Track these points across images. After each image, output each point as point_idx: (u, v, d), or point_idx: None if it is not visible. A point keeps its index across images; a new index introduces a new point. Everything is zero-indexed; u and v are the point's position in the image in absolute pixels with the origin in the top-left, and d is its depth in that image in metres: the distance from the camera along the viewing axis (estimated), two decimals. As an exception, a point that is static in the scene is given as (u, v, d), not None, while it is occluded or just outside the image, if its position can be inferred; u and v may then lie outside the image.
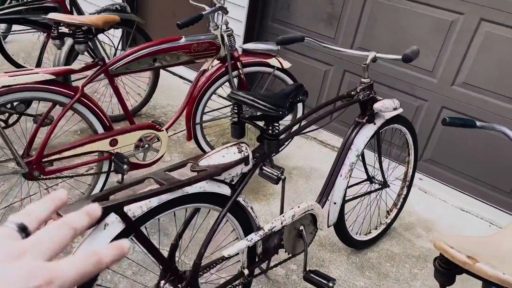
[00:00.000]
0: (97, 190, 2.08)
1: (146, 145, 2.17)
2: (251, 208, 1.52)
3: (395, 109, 1.95)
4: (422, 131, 2.94)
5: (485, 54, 2.57)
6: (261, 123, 1.51)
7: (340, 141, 3.26)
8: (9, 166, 1.99)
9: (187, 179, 1.25)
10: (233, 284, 1.52)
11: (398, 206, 2.44)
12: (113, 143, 2.00)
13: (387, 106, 1.89)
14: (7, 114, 2.42)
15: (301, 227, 1.71)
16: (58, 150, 1.85)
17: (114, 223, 1.14)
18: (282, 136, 1.58)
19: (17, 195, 2.15)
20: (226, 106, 2.69)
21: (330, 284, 1.67)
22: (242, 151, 1.40)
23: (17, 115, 2.41)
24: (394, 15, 2.83)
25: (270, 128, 1.44)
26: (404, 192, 2.44)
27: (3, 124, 2.41)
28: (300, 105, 2.63)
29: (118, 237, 1.15)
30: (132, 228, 1.17)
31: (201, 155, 1.39)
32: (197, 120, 2.50)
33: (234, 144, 1.42)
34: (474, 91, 2.68)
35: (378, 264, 2.20)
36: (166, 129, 2.26)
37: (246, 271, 1.55)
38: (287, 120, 2.79)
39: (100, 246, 1.08)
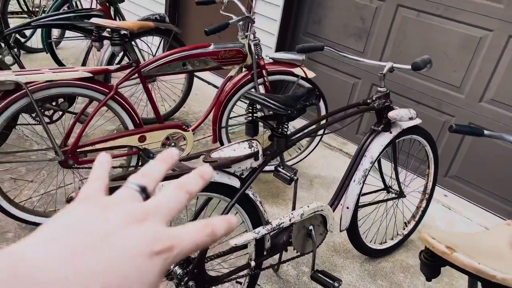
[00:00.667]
0: (125, 182, 2.24)
1: (173, 144, 2.32)
2: (260, 202, 1.61)
3: (411, 118, 1.98)
4: (448, 147, 2.92)
5: (514, 71, 2.55)
6: (273, 123, 1.61)
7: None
8: (48, 155, 2.19)
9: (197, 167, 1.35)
10: (240, 274, 1.61)
11: (417, 219, 2.43)
12: (142, 139, 2.16)
13: (402, 115, 1.93)
14: (51, 111, 2.65)
15: (311, 227, 1.77)
16: (91, 142, 2.03)
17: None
18: (295, 137, 1.66)
19: (53, 183, 2.35)
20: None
21: (336, 284, 1.71)
22: (253, 146, 1.49)
23: (61, 112, 2.63)
24: (423, 31, 2.86)
25: (280, 127, 1.53)
26: (423, 205, 2.43)
27: (47, 120, 2.64)
28: (323, 109, 2.69)
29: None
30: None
31: (214, 148, 1.50)
32: (223, 124, 2.62)
33: (245, 140, 1.52)
34: (502, 108, 2.64)
35: (391, 274, 2.21)
36: (192, 130, 2.40)
37: (253, 263, 1.63)
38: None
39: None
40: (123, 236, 0.30)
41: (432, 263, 1.04)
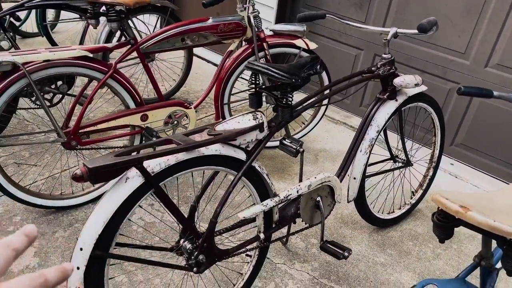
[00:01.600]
0: (129, 162, 2.22)
1: (175, 122, 2.29)
2: (267, 175, 1.59)
3: (416, 85, 1.94)
4: (454, 115, 2.88)
5: (520, 34, 2.49)
6: (277, 94, 1.58)
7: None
8: (50, 137, 2.17)
9: (202, 140, 1.33)
10: (249, 247, 1.60)
11: (424, 187, 2.42)
12: (144, 118, 2.13)
13: (408, 82, 1.89)
14: (51, 94, 2.62)
15: (318, 198, 1.75)
16: (93, 122, 2.00)
17: (135, 177, 1.24)
18: (300, 107, 1.63)
19: (57, 166, 2.34)
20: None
21: (346, 254, 1.71)
22: (257, 118, 1.47)
23: (61, 95, 2.60)
24: (426, -4, 2.79)
25: (285, 97, 1.50)
26: (430, 174, 2.42)
27: (48, 103, 2.61)
28: (326, 80, 2.65)
29: (137, 190, 1.25)
30: (151, 184, 1.27)
31: (218, 121, 1.47)
32: (225, 100, 2.59)
33: (250, 112, 1.49)
34: (509, 72, 2.59)
35: (400, 243, 2.21)
36: (195, 108, 2.37)
37: (262, 235, 1.62)
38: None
39: (121, 198, 1.19)
40: None
41: (445, 224, 1.03)
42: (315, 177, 1.70)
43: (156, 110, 2.17)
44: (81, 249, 1.22)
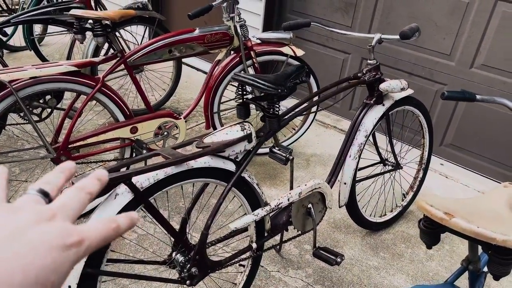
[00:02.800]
0: (120, 175, 2.22)
1: (165, 133, 2.29)
2: (257, 184, 1.60)
3: (403, 89, 1.96)
4: (442, 116, 2.92)
5: (503, 35, 2.53)
6: (264, 104, 1.59)
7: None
8: (40, 153, 2.16)
9: (191, 153, 1.34)
10: (242, 257, 1.61)
11: (415, 189, 2.44)
12: (134, 130, 2.13)
13: (393, 86, 1.92)
14: (40, 109, 2.61)
15: (310, 205, 1.76)
16: (83, 136, 2.00)
17: (124, 193, 1.25)
18: (287, 116, 1.65)
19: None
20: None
21: (338, 260, 1.72)
22: (245, 129, 1.48)
23: (49, 110, 2.60)
24: (410, 0, 2.82)
25: (271, 107, 1.51)
26: (420, 175, 2.44)
27: (36, 118, 2.61)
28: (314, 87, 2.67)
29: (127, 206, 1.25)
30: (141, 199, 1.28)
31: (207, 134, 1.48)
32: (215, 109, 2.60)
33: (238, 123, 1.50)
34: (494, 72, 2.63)
35: (393, 245, 2.23)
36: (184, 118, 2.37)
37: (254, 245, 1.63)
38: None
39: (111, 214, 1.19)
40: (36, 232, 0.32)
41: (432, 230, 1.04)
42: (306, 185, 1.71)
43: (146, 122, 2.17)
44: (72, 267, 1.21)
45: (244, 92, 1.60)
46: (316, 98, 2.41)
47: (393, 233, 2.32)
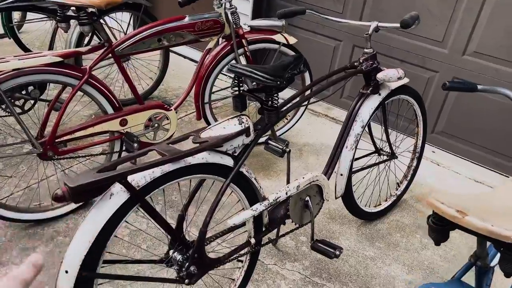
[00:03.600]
0: (110, 169, 2.15)
1: (156, 125, 2.22)
2: (255, 179, 1.56)
3: (399, 78, 1.93)
4: (434, 103, 2.91)
5: (496, 22, 2.51)
6: (262, 96, 1.54)
7: (351, 116, 3.26)
8: (25, 148, 2.07)
9: (188, 149, 1.28)
10: (241, 253, 1.57)
11: (408, 178, 2.43)
12: (123, 123, 2.06)
13: (390, 76, 1.88)
14: (22, 100, 2.50)
15: (307, 198, 1.73)
16: (70, 130, 1.92)
17: (119, 192, 1.19)
18: (285, 108, 1.60)
19: (34, 176, 2.25)
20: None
21: (337, 252, 1.70)
22: (243, 122, 1.42)
23: (32, 101, 2.49)
24: (402, -14, 2.78)
25: (270, 99, 1.46)
26: (414, 164, 2.43)
27: (19, 110, 2.50)
28: (307, 77, 2.62)
29: (123, 206, 1.20)
30: (137, 198, 1.22)
31: (203, 128, 1.42)
32: (206, 99, 2.53)
33: (235, 116, 1.44)
34: (486, 59, 2.62)
35: (388, 235, 2.22)
36: (175, 109, 2.30)
37: (253, 240, 1.59)
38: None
39: (106, 216, 1.14)
40: None
41: (441, 227, 1.02)
42: (303, 177, 1.68)
43: (136, 114, 2.10)
44: (66, 271, 1.16)
45: (240, 84, 1.54)
46: (313, 88, 2.37)
47: (387, 223, 2.31)
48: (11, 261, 1.82)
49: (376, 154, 2.22)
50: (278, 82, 1.39)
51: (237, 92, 1.53)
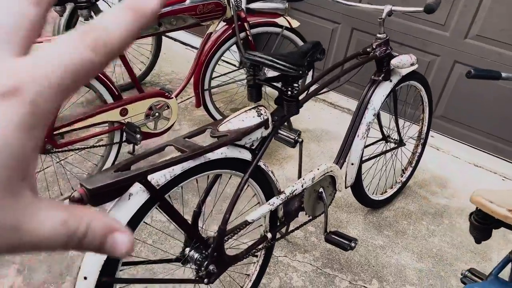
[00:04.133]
0: (110, 161, 2.06)
1: (157, 114, 2.13)
2: (272, 172, 1.50)
3: (412, 64, 1.88)
4: (434, 87, 2.87)
5: (499, 4, 2.47)
6: (278, 84, 1.46)
7: (349, 102, 3.21)
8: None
9: (208, 145, 1.21)
10: (257, 248, 1.52)
11: (413, 165, 2.42)
12: (124, 112, 1.96)
13: (404, 62, 1.83)
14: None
15: (321, 189, 1.69)
16: (68, 122, 1.81)
17: (139, 192, 1.11)
18: (303, 97, 1.53)
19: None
20: (235, 70, 2.62)
21: (352, 244, 1.67)
22: (262, 114, 1.35)
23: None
24: (404, -33, 2.70)
25: (290, 89, 1.39)
26: (419, 150, 2.41)
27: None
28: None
29: (143, 206, 1.12)
30: (157, 197, 1.15)
31: (220, 121, 1.35)
32: (205, 86, 2.44)
33: (252, 108, 1.37)
34: (488, 43, 2.59)
35: (395, 223, 2.21)
36: (175, 96, 2.20)
37: (269, 235, 1.54)
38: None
39: (126, 218, 1.06)
40: None
41: (485, 226, 0.98)
42: (318, 169, 1.63)
43: (136, 103, 2.00)
44: (85, 278, 1.09)
45: (256, 73, 1.46)
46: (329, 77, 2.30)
47: (393, 210, 2.30)
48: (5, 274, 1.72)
49: (384, 142, 2.18)
50: (300, 72, 1.32)
51: (251, 82, 1.45)
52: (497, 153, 2.78)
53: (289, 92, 1.40)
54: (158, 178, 1.14)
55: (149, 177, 1.11)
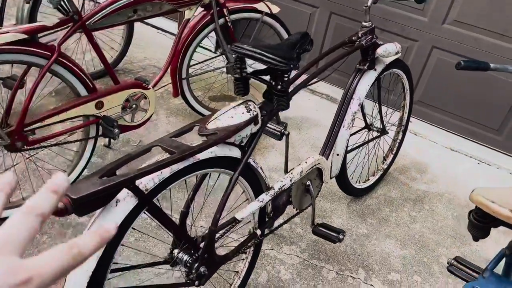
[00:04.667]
0: (86, 156, 1.95)
1: (134, 105, 2.03)
2: (261, 168, 1.46)
3: (396, 53, 1.86)
4: (412, 73, 2.88)
5: (478, -11, 2.48)
6: (266, 77, 1.41)
7: (328, 88, 3.19)
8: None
9: (198, 145, 1.15)
10: (247, 245, 1.49)
11: (394, 151, 2.43)
12: (99, 105, 1.85)
13: (389, 51, 1.81)
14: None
15: (308, 182, 1.66)
16: (40, 117, 1.70)
17: (126, 198, 1.05)
18: (291, 90, 1.48)
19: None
20: (212, 58, 2.53)
21: (341, 236, 1.66)
22: (251, 110, 1.30)
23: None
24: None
25: (280, 82, 1.34)
26: (400, 137, 2.42)
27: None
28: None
29: (132, 212, 1.06)
30: (145, 202, 1.09)
31: (208, 117, 1.28)
32: (183, 75, 2.35)
33: (241, 103, 1.31)
34: (466, 28, 2.61)
35: (378, 210, 2.22)
36: (153, 87, 2.11)
37: (258, 232, 1.51)
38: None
39: (115, 223, 1.00)
40: None
41: (483, 224, 0.98)
42: (306, 162, 1.60)
43: (112, 95, 1.89)
44: (72, 291, 1.02)
45: (243, 66, 1.39)
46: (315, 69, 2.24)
47: (376, 198, 2.31)
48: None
49: (366, 130, 2.18)
50: (292, 66, 1.27)
51: (238, 75, 1.39)
52: (473, 137, 2.84)
53: (279, 86, 1.34)
54: (146, 183, 1.08)
55: (137, 182, 1.05)
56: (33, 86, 1.65)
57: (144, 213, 1.13)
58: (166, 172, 1.11)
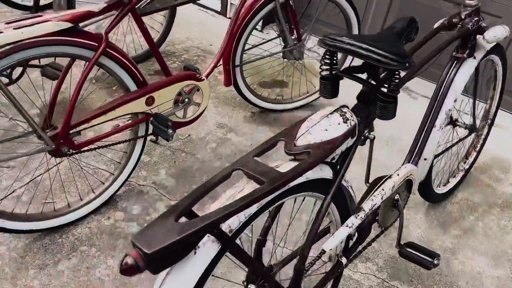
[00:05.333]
0: (134, 158, 1.75)
1: (186, 99, 1.80)
2: (351, 187, 1.20)
3: (505, 38, 1.54)
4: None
5: None
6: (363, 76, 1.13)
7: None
8: (29, 141, 1.63)
9: (290, 171, 0.89)
10: (332, 276, 1.25)
11: (477, 149, 2.12)
12: (150, 101, 1.63)
13: (499, 36, 1.48)
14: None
15: (397, 196, 1.40)
16: (86, 118, 1.48)
17: (207, 244, 0.82)
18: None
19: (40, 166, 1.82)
20: (268, 40, 2.25)
21: (435, 262, 1.39)
22: (348, 119, 1.03)
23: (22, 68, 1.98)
24: None
25: (388, 84, 1.05)
26: (485, 132, 2.10)
27: (6, 80, 2.00)
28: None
29: (214, 260, 0.83)
30: (227, 245, 0.86)
31: (294, 130, 1.02)
32: (237, 61, 2.09)
33: (335, 110, 1.05)
34: None
35: (461, 218, 1.94)
36: (206, 77, 1.86)
37: (344, 260, 1.27)
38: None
39: (193, 280, 0.77)
40: None
41: None
42: (398, 175, 1.33)
43: (164, 89, 1.66)
44: None
45: (334, 61, 1.12)
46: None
47: (457, 203, 2.02)
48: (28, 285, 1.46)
49: (451, 127, 1.86)
50: (407, 65, 0.98)
51: (327, 72, 1.12)
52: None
53: (386, 89, 1.06)
54: (230, 223, 0.84)
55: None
56: (80, 82, 1.43)
57: (226, 256, 0.91)
58: (254, 207, 0.87)
